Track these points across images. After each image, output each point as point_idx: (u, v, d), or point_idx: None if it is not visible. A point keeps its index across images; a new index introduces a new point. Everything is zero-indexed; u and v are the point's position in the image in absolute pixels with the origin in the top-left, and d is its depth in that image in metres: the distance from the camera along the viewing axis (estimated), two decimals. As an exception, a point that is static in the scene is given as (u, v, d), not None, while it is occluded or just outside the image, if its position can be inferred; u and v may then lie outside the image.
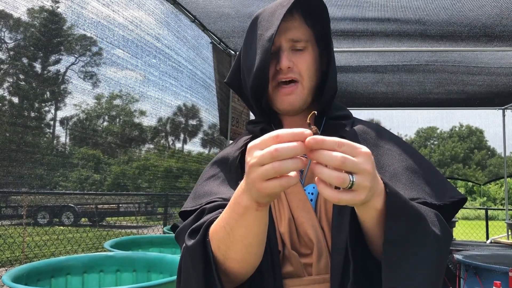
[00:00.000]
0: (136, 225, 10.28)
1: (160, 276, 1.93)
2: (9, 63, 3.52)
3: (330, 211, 0.99)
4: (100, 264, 1.90)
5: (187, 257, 0.89)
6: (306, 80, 1.05)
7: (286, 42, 1.04)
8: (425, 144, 35.28)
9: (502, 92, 6.52)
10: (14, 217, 4.95)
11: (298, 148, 0.67)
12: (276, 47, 1.04)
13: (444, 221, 0.93)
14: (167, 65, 4.10)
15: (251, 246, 0.85)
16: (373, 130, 1.12)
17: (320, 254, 0.98)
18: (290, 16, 1.03)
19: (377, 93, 6.90)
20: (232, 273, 0.89)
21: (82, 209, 10.69)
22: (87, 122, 4.63)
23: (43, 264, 1.68)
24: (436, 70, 5.51)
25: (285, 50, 1.03)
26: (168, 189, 6.50)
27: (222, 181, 1.07)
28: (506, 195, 8.52)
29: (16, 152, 3.29)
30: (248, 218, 0.80)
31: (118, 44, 3.44)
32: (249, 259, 0.87)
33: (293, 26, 1.04)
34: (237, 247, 0.84)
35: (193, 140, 5.79)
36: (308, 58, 1.05)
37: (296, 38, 1.04)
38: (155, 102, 4.09)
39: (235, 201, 0.81)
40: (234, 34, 4.76)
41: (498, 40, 4.35)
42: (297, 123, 1.09)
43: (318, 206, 1.02)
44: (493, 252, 3.86)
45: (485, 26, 3.99)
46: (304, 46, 1.05)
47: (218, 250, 0.86)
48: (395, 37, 4.49)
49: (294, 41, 1.04)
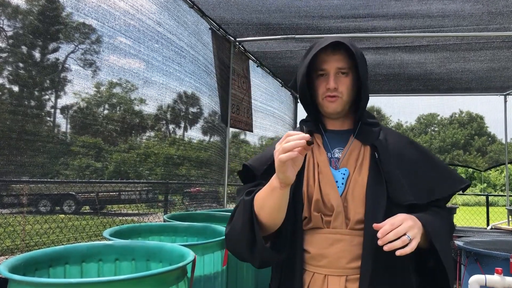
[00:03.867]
0: (137, 213, 10.30)
1: (160, 265, 1.92)
2: (9, 51, 3.48)
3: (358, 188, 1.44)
4: (99, 253, 1.88)
5: (243, 205, 1.42)
6: (346, 96, 1.51)
7: (333, 69, 1.49)
8: (426, 131, 35.24)
9: (503, 74, 6.47)
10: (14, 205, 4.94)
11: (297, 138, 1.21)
12: (327, 72, 1.50)
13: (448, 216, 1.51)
14: (170, 50, 4.04)
15: (274, 212, 1.36)
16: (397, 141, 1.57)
17: (337, 216, 1.43)
18: (338, 50, 1.48)
19: (378, 75, 6.84)
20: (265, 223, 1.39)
21: (84, 197, 10.69)
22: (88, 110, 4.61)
23: (40, 254, 1.67)
24: (437, 49, 5.45)
25: (332, 75, 1.49)
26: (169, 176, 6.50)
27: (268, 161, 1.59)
28: (507, 181, 8.51)
29: (16, 140, 3.27)
30: (275, 194, 1.32)
31: (119, 29, 3.40)
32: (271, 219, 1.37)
33: (338, 59, 1.48)
34: (265, 211, 1.36)
35: (194, 127, 5.76)
36: (348, 81, 1.50)
37: (340, 66, 1.49)
38: (159, 88, 4.06)
39: (269, 182, 1.34)
40: (233, 21, 4.70)
41: (502, 17, 4.29)
42: (336, 124, 1.60)
43: (347, 183, 1.46)
44: (494, 238, 3.85)
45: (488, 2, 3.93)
46: (346, 72, 1.49)
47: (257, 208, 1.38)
48: (397, 20, 4.44)
49: (339, 68, 1.49)
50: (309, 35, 4.89)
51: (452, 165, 26.06)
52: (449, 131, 33.52)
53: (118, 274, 1.92)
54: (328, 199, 1.44)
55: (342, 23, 4.59)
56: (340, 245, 1.42)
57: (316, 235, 1.46)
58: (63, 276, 1.75)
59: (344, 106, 1.53)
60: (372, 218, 1.38)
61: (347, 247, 1.41)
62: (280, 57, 6.09)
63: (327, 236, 1.44)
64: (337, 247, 1.42)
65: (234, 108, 5.39)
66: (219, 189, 5.94)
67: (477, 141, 32.98)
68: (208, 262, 2.24)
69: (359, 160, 1.50)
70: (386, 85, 7.51)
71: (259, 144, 10.84)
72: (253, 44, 5.52)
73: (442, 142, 31.25)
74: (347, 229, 1.43)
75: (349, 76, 1.50)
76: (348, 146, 1.53)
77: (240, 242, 1.40)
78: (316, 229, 1.46)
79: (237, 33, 5.10)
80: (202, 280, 2.21)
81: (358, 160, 1.50)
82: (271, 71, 6.82)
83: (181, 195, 6.51)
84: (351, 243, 1.41)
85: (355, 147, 1.53)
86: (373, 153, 1.50)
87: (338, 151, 1.54)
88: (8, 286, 1.40)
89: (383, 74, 6.68)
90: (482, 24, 4.46)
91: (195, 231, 2.86)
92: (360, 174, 1.47)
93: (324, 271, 1.43)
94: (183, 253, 1.84)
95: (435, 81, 7.10)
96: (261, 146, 11.08)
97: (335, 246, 1.42)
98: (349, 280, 1.39)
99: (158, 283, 1.51)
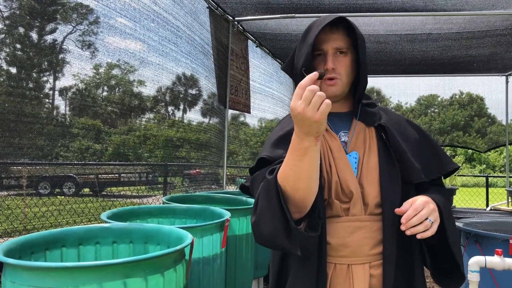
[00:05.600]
0: (137, 195, 10.32)
1: (157, 247, 1.91)
2: (5, 32, 3.43)
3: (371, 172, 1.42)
4: (96, 236, 1.87)
5: (267, 186, 1.27)
6: (344, 77, 1.44)
7: (331, 49, 1.43)
8: (426, 112, 35.14)
9: (506, 56, 6.41)
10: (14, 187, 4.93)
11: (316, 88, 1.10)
12: (324, 52, 1.43)
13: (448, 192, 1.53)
14: (166, 30, 3.97)
15: (313, 176, 1.23)
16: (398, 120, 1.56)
17: (356, 202, 1.39)
18: (336, 29, 1.43)
19: (379, 61, 6.80)
20: (299, 201, 1.25)
21: (83, 179, 10.69)
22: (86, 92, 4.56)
23: (37, 237, 1.65)
24: (439, 39, 5.39)
25: (330, 55, 1.42)
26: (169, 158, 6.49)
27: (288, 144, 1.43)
28: (507, 162, 8.50)
29: (15, 122, 3.25)
30: (310, 154, 1.19)
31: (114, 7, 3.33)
32: (311, 186, 1.24)
33: (337, 37, 1.43)
34: (304, 179, 1.22)
35: (192, 109, 5.72)
36: (346, 61, 1.44)
37: (338, 46, 1.43)
38: (156, 69, 4.00)
39: (295, 148, 1.19)
40: (232, 0, 4.61)
41: (504, 5, 4.23)
42: (336, 107, 1.52)
43: (360, 168, 1.43)
44: (493, 219, 3.85)
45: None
46: (344, 51, 1.44)
47: (288, 185, 1.23)
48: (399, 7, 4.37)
49: (337, 49, 1.43)
50: (309, 14, 4.82)
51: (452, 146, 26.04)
52: (449, 112, 33.40)
53: (116, 257, 1.91)
54: (346, 185, 1.40)
55: (343, 3, 4.52)
56: (361, 233, 1.39)
57: (335, 224, 1.40)
58: (60, 260, 1.74)
59: (344, 89, 1.47)
60: (391, 202, 1.38)
61: (368, 233, 1.39)
62: (280, 39, 6.02)
63: (347, 225, 1.39)
64: (358, 235, 1.39)
65: (233, 90, 5.34)
66: (219, 171, 5.92)
67: (476, 122, 32.90)
68: (207, 244, 2.23)
69: (366, 143, 1.47)
70: (387, 67, 7.46)
71: (258, 125, 10.81)
72: (252, 24, 5.44)
73: (442, 123, 31.18)
74: (366, 215, 1.40)
75: (347, 55, 1.44)
76: (353, 129, 1.50)
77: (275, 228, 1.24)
78: (334, 218, 1.40)
79: (235, 12, 5.02)
80: (201, 262, 2.20)
81: (366, 143, 1.47)
82: (270, 51, 6.75)
83: (181, 177, 6.51)
84: (371, 229, 1.39)
85: (360, 130, 1.50)
86: (379, 135, 1.48)
87: (343, 134, 1.50)
88: (3, 270, 1.38)
89: (384, 56, 6.62)
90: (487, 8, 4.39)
91: (194, 213, 2.85)
92: (370, 157, 1.45)
93: (347, 261, 1.39)
94: (181, 235, 1.82)
95: (436, 65, 7.06)
96: (260, 128, 11.04)
97: (356, 234, 1.39)
98: (372, 267, 1.39)
99: (156, 266, 1.49)
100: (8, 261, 1.30)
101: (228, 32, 5.17)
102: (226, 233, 2.44)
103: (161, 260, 1.51)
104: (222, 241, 2.39)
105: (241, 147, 10.57)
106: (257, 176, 1.40)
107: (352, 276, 1.37)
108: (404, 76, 8.56)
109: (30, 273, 1.34)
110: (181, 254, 1.68)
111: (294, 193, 1.23)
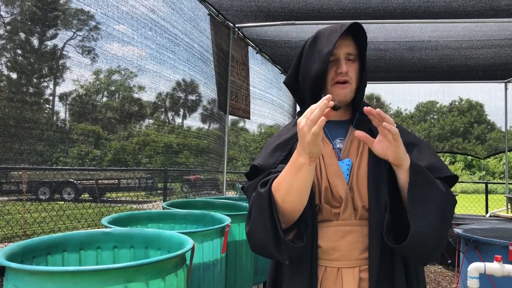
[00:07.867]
0: (136, 200, 10.30)
1: (158, 252, 1.92)
2: (6, 38, 3.45)
3: (361, 178, 1.44)
4: (97, 241, 1.87)
5: (259, 199, 1.32)
6: (354, 83, 1.50)
7: (343, 54, 1.48)
8: (425, 119, 35.15)
9: (505, 64, 6.44)
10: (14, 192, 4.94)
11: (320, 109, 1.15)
12: (336, 57, 1.48)
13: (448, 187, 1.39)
14: (164, 38, 4.00)
15: (303, 193, 1.28)
16: None
17: (345, 207, 1.42)
18: (346, 36, 1.48)
19: (378, 67, 6.83)
20: (286, 213, 1.31)
21: (83, 185, 10.68)
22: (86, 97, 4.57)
23: (38, 241, 1.65)
24: (438, 47, 5.42)
25: (343, 59, 1.48)
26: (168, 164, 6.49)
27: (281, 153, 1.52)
28: (506, 168, 8.51)
29: (15, 128, 3.26)
30: (303, 172, 1.24)
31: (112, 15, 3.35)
32: (299, 202, 1.30)
33: (348, 43, 1.49)
34: (293, 193, 1.27)
35: (192, 115, 5.73)
36: (355, 67, 1.50)
37: (349, 52, 1.49)
38: (153, 76, 4.03)
39: (293, 162, 1.26)
40: (232, 7, 4.64)
41: (503, 14, 4.26)
42: (336, 115, 1.56)
43: (352, 173, 1.46)
44: (493, 225, 3.85)
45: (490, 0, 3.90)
46: (354, 58, 1.50)
47: (279, 197, 1.29)
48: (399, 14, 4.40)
49: (349, 54, 1.49)
50: (309, 21, 4.84)
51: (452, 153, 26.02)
52: (448, 119, 33.45)
53: (117, 262, 1.91)
54: (336, 190, 1.44)
55: (343, 11, 4.55)
56: (352, 237, 1.42)
57: (326, 228, 1.44)
58: (61, 264, 1.74)
59: (352, 94, 1.51)
60: (376, 206, 1.40)
61: (358, 238, 1.42)
62: (280, 46, 6.04)
63: (338, 229, 1.43)
64: (349, 239, 1.42)
65: (233, 96, 5.36)
66: (218, 177, 5.93)
67: (476, 128, 32.91)
68: (207, 249, 2.23)
69: (359, 150, 1.50)
70: (386, 73, 7.49)
71: (258, 131, 10.83)
72: (252, 31, 5.46)
73: (441, 129, 31.19)
74: (357, 219, 1.44)
75: (356, 62, 1.51)
76: (348, 136, 1.53)
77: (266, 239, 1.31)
78: (326, 222, 1.45)
79: (236, 19, 5.05)
80: (202, 268, 2.20)
81: (359, 150, 1.50)
82: (270, 58, 6.77)
83: (180, 183, 6.51)
84: (361, 234, 1.42)
85: (355, 137, 1.48)
86: None
87: (339, 141, 1.54)
88: (5, 274, 1.39)
89: (383, 63, 6.65)
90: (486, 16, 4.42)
91: (194, 218, 2.85)
92: (361, 163, 1.47)
93: (337, 264, 1.43)
94: (182, 240, 1.83)
95: (435, 73, 7.09)
96: (259, 134, 11.06)
97: (346, 238, 1.42)
98: (362, 271, 1.41)
99: (157, 270, 1.50)
100: (10, 265, 1.31)
101: (229, 38, 5.19)
102: (226, 238, 2.44)
103: (163, 265, 1.52)
104: (223, 247, 2.39)
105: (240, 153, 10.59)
106: (250, 186, 1.45)
107: (342, 279, 1.41)
108: (403, 82, 8.59)
109: (32, 277, 1.35)
110: (182, 259, 1.68)
111: (282, 204, 1.30)
